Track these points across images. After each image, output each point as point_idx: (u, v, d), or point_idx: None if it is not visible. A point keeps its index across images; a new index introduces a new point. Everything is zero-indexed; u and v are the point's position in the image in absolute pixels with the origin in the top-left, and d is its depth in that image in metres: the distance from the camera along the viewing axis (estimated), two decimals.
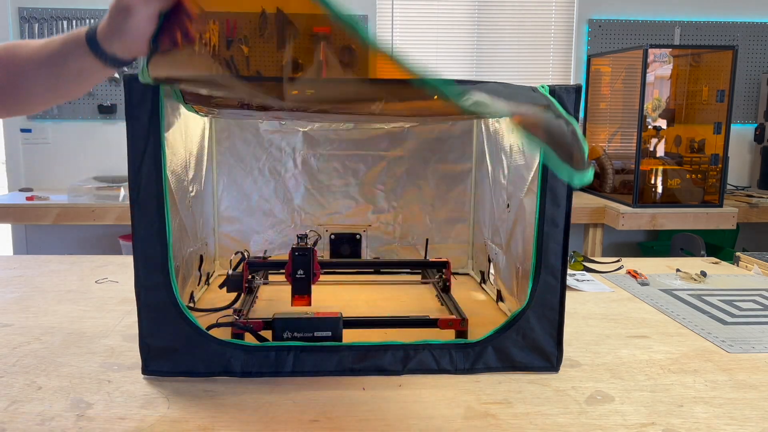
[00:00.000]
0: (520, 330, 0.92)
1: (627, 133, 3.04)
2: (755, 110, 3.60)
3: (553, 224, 0.90)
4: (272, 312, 0.95)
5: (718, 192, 2.91)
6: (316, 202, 1.48)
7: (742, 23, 3.51)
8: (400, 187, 1.48)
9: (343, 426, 0.75)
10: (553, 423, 0.77)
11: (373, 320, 1.04)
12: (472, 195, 1.47)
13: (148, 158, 0.85)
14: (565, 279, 0.92)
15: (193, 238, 1.19)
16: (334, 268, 1.40)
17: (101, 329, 1.07)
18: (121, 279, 1.40)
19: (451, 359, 0.91)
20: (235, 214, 1.46)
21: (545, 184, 0.89)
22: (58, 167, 3.39)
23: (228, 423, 0.76)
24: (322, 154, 1.46)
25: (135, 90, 0.83)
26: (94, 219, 2.78)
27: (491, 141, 1.30)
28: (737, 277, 1.50)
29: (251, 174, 1.45)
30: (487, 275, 1.34)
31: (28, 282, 1.37)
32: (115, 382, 0.86)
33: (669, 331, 1.10)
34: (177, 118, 1.03)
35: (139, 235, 0.86)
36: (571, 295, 1.32)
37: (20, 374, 0.88)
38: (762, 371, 0.93)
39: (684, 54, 3.02)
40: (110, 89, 3.34)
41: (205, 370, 0.88)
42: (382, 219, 1.49)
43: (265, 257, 1.31)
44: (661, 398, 0.84)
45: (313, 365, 0.89)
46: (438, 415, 0.78)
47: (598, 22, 3.47)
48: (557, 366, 0.92)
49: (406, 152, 1.46)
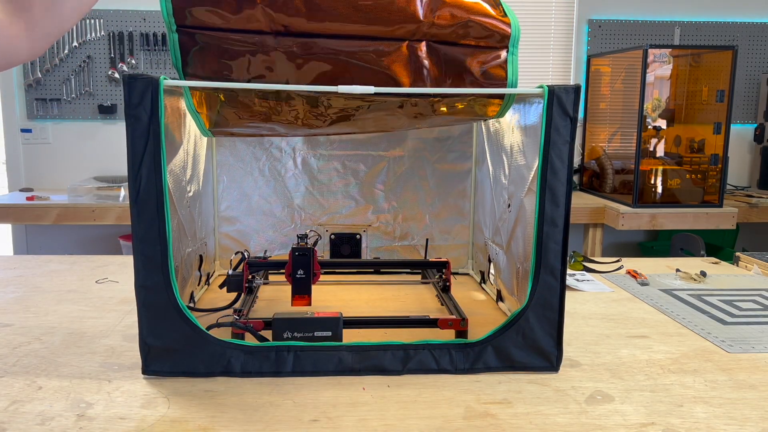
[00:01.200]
0: (519, 330, 0.92)
1: (627, 133, 3.04)
2: (755, 110, 3.60)
3: (553, 224, 0.90)
4: (272, 312, 0.96)
5: (718, 192, 2.91)
6: (316, 202, 1.48)
7: (742, 23, 3.51)
8: (400, 187, 1.48)
9: (343, 426, 0.75)
10: (553, 423, 0.77)
11: (373, 320, 1.04)
12: (472, 195, 1.47)
13: (147, 158, 0.85)
14: (564, 279, 0.92)
15: (192, 238, 1.19)
16: (334, 268, 1.40)
17: (101, 329, 1.07)
18: (121, 279, 1.40)
19: (451, 359, 0.91)
20: (235, 214, 1.47)
21: (544, 184, 0.89)
22: (59, 167, 3.39)
23: (228, 423, 0.76)
24: (322, 154, 1.46)
25: (134, 90, 0.83)
26: (94, 219, 2.78)
27: (491, 141, 1.30)
28: (737, 277, 1.50)
29: (251, 174, 1.45)
30: (487, 275, 1.34)
31: (28, 282, 1.37)
32: (115, 382, 0.86)
33: (669, 331, 1.10)
34: (176, 118, 1.04)
35: (138, 235, 0.86)
36: (571, 295, 1.32)
37: (20, 374, 0.88)
38: (762, 371, 0.93)
39: (684, 54, 3.02)
40: (110, 89, 3.34)
41: (205, 370, 0.88)
42: (382, 219, 1.49)
43: (265, 257, 1.31)
44: (661, 398, 0.84)
45: (313, 365, 0.89)
46: (438, 415, 0.78)
47: (598, 22, 3.47)
48: (557, 366, 0.92)
49: (406, 152, 1.47)
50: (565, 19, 3.50)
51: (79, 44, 3.28)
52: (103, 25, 3.28)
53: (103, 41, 3.29)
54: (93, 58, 3.31)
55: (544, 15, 3.48)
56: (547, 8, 3.49)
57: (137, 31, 3.29)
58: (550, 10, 3.49)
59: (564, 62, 3.54)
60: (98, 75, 3.32)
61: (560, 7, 3.50)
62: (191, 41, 0.93)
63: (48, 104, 3.31)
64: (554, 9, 3.50)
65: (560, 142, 0.89)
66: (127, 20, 3.28)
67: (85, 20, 3.26)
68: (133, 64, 3.32)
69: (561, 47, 3.52)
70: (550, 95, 0.87)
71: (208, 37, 0.93)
